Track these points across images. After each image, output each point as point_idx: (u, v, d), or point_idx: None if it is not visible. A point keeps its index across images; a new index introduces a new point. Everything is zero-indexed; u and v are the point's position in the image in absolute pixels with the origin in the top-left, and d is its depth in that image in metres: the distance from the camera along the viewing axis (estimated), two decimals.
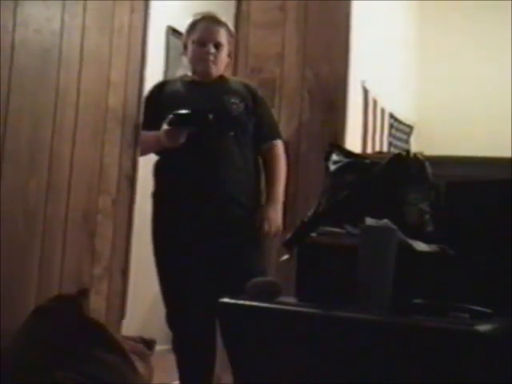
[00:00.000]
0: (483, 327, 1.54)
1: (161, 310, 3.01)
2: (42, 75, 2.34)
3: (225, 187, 2.82)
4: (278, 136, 3.05)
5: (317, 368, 1.67)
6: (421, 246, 1.84)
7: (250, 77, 3.74)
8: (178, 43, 4.78)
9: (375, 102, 4.75)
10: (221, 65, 2.97)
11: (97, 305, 2.53)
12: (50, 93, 2.38)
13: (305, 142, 3.73)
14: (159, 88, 2.99)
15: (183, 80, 3.02)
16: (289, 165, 3.08)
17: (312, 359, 1.68)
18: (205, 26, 2.94)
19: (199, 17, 2.98)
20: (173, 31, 4.74)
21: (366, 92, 4.55)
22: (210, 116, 2.70)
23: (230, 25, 3.08)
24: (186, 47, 3.01)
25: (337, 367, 1.65)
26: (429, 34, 6.17)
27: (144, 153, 2.88)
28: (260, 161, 3.00)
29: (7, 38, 2.19)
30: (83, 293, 2.31)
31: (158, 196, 2.92)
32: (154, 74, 3.55)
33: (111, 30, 2.62)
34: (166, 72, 4.69)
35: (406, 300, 1.68)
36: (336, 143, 2.55)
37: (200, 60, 2.94)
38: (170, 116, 2.72)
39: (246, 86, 3.05)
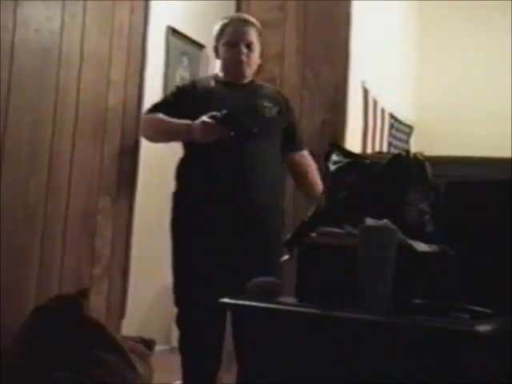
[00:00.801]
0: (483, 327, 1.54)
1: (161, 310, 3.01)
2: (42, 75, 2.34)
3: (251, 188, 2.81)
4: (305, 146, 3.12)
5: (317, 368, 1.67)
6: (421, 247, 1.83)
7: None
8: (178, 43, 4.79)
9: (375, 102, 4.76)
10: (253, 65, 2.98)
11: (97, 305, 2.53)
12: (50, 92, 2.38)
13: (305, 142, 3.73)
14: (192, 85, 2.96)
15: (216, 79, 2.99)
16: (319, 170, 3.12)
17: (312, 359, 1.68)
18: (234, 27, 2.93)
19: (227, 20, 2.99)
20: (173, 31, 4.74)
21: (366, 92, 4.55)
22: (256, 130, 2.69)
23: (259, 24, 3.04)
24: (216, 52, 2.99)
25: (337, 367, 1.65)
26: (429, 34, 6.17)
27: (167, 139, 2.84)
28: (285, 166, 3.03)
29: (7, 38, 2.19)
30: (83, 293, 2.32)
31: (180, 195, 2.88)
32: (153, 74, 3.56)
33: (111, 30, 2.62)
34: (165, 72, 4.68)
35: (405, 300, 1.68)
36: (336, 143, 2.54)
37: (233, 61, 2.92)
38: (222, 112, 2.68)
39: (279, 93, 3.12)
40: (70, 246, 2.47)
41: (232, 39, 2.91)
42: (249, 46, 2.93)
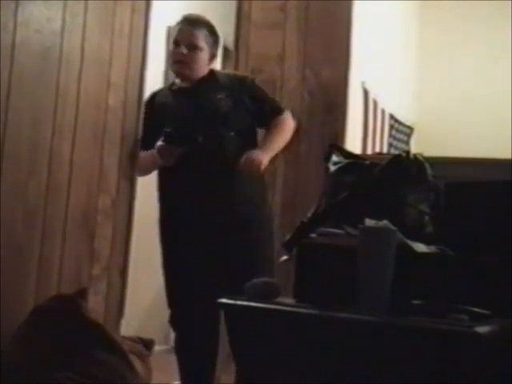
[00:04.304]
0: (482, 329, 1.54)
1: (159, 311, 3.01)
2: (43, 75, 2.34)
3: (224, 186, 2.82)
4: (281, 110, 3.00)
5: (316, 369, 1.67)
6: (420, 248, 1.84)
7: None
8: None
9: (375, 103, 4.76)
10: (197, 66, 2.90)
11: (95, 305, 2.53)
12: (51, 93, 2.38)
13: (305, 142, 3.73)
14: (150, 101, 2.94)
15: (170, 89, 2.99)
16: (297, 131, 3.03)
17: (311, 360, 1.68)
18: (180, 27, 2.92)
19: (181, 19, 2.97)
20: None
21: (366, 93, 4.55)
22: (200, 139, 2.70)
23: (213, 25, 2.98)
24: None
25: (336, 368, 1.65)
26: (429, 35, 6.17)
27: (144, 172, 2.88)
28: None
29: (8, 38, 2.19)
30: (82, 293, 2.32)
31: (161, 199, 2.92)
32: (154, 75, 3.56)
33: (112, 30, 2.62)
34: (166, 72, 4.69)
35: (405, 301, 1.68)
36: (336, 144, 2.55)
37: (173, 62, 2.92)
38: (163, 133, 2.72)
39: (233, 77, 3.04)
40: (69, 245, 2.47)
41: (175, 39, 2.90)
42: (191, 47, 2.87)
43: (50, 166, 2.38)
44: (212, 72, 2.98)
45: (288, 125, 2.98)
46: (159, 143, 2.75)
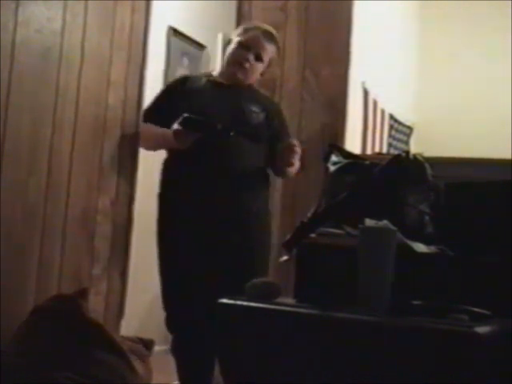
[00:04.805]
0: (482, 329, 1.54)
1: (159, 311, 3.00)
2: (43, 75, 2.34)
3: (233, 187, 2.82)
4: None
5: (316, 369, 1.67)
6: (420, 248, 1.84)
7: None
8: (178, 43, 4.79)
9: (375, 103, 4.76)
10: (251, 76, 2.96)
11: (96, 305, 2.53)
12: (51, 92, 2.38)
13: (305, 142, 3.73)
14: (181, 82, 2.97)
15: (208, 79, 3.00)
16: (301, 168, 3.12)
17: (311, 360, 1.68)
18: (257, 34, 2.94)
19: (257, 25, 3.01)
20: (174, 31, 4.74)
21: (366, 93, 4.56)
22: (219, 126, 2.70)
23: (279, 45, 3.05)
24: (228, 45, 2.99)
25: (336, 368, 1.65)
26: (429, 35, 6.18)
27: (151, 148, 2.88)
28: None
29: (8, 38, 2.19)
30: (82, 293, 2.31)
31: (164, 196, 2.92)
32: (154, 74, 3.56)
33: (112, 30, 2.62)
34: (166, 72, 4.69)
35: (405, 301, 1.68)
36: (336, 144, 2.55)
37: (235, 62, 2.93)
38: (182, 117, 2.70)
39: (270, 100, 3.13)
40: (69, 245, 2.47)
41: (246, 42, 2.92)
42: (257, 57, 2.93)
43: (50, 165, 2.38)
44: (252, 84, 3.02)
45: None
46: (175, 126, 2.74)
